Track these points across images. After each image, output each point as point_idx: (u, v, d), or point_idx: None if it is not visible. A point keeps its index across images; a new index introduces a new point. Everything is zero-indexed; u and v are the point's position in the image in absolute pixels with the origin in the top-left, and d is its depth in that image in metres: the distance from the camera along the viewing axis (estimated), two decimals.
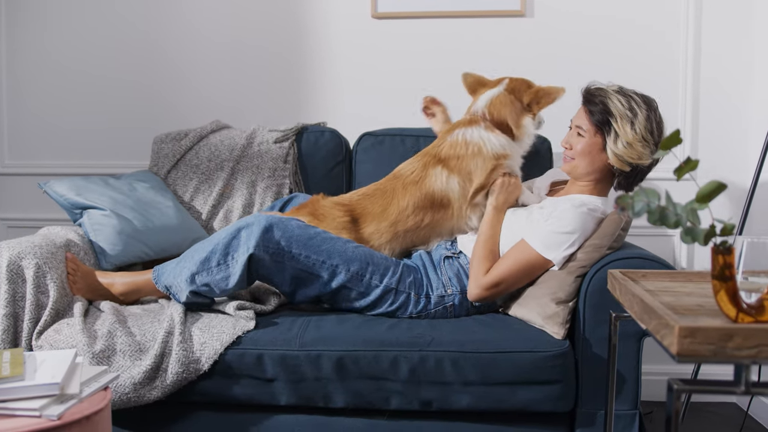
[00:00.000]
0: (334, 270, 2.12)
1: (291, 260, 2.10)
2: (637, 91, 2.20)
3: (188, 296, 2.12)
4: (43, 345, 2.01)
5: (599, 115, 2.16)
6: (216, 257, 2.09)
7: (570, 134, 2.26)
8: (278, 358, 1.98)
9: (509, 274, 2.11)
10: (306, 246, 2.11)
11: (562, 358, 1.94)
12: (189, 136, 2.79)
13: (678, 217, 1.22)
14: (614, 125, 2.13)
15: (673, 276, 1.68)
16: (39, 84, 3.12)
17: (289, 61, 3.04)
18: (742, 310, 1.24)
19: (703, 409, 2.79)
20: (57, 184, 2.45)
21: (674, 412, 1.20)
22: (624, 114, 2.13)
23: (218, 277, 2.09)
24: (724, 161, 2.87)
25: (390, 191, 2.36)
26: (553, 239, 2.07)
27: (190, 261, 2.12)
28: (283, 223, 2.11)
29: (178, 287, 2.14)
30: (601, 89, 2.20)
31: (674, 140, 1.29)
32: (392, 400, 2.00)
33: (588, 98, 2.22)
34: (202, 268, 2.09)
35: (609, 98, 2.16)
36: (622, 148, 2.13)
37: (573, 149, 2.22)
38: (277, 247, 2.08)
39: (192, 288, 2.10)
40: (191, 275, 2.10)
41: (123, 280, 2.25)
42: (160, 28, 3.06)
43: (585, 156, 2.20)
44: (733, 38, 2.87)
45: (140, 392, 1.96)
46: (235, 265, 2.07)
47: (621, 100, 2.14)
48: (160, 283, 2.18)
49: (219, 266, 2.09)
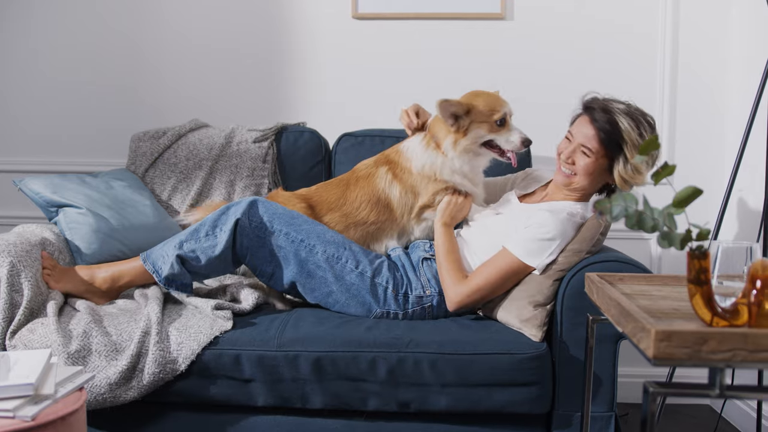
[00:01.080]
0: (311, 249, 2.15)
1: (271, 235, 2.15)
2: (638, 107, 2.16)
3: (173, 263, 2.14)
4: (17, 345, 1.99)
5: (609, 137, 2.10)
6: (205, 228, 2.17)
7: (572, 149, 2.17)
8: (256, 359, 1.97)
9: (490, 281, 2.10)
10: (288, 223, 2.17)
11: (540, 360, 1.96)
12: (167, 135, 2.77)
13: (655, 221, 1.24)
14: (625, 150, 2.09)
15: (650, 279, 1.70)
16: (15, 80, 3.07)
17: (268, 61, 3.03)
18: (717, 314, 1.25)
19: (678, 411, 2.82)
20: (32, 181, 2.42)
21: (650, 414, 1.21)
22: (635, 140, 2.08)
23: (206, 244, 2.15)
24: (700, 167, 2.90)
25: (345, 182, 2.42)
26: (535, 246, 2.07)
27: (179, 234, 2.21)
28: (269, 203, 2.21)
29: (164, 257, 2.17)
30: (608, 108, 2.12)
31: (652, 145, 1.30)
32: (370, 401, 2.00)
33: (593, 114, 2.14)
34: (191, 237, 2.17)
35: (619, 120, 2.09)
36: (630, 172, 2.10)
37: (576, 165, 2.16)
38: (260, 221, 2.16)
39: (179, 252, 2.15)
40: (180, 242, 2.17)
41: (105, 268, 2.26)
42: (139, 27, 3.03)
43: (588, 175, 2.16)
44: (710, 45, 2.90)
45: (116, 392, 1.94)
46: (222, 235, 2.15)
47: (631, 125, 2.09)
48: (149, 260, 2.20)
49: (207, 236, 2.16)
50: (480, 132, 2.27)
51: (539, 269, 2.07)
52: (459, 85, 2.95)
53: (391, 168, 2.37)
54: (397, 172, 2.35)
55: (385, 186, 2.35)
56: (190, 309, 2.15)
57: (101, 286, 2.23)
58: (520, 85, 2.94)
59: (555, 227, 2.08)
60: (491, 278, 2.10)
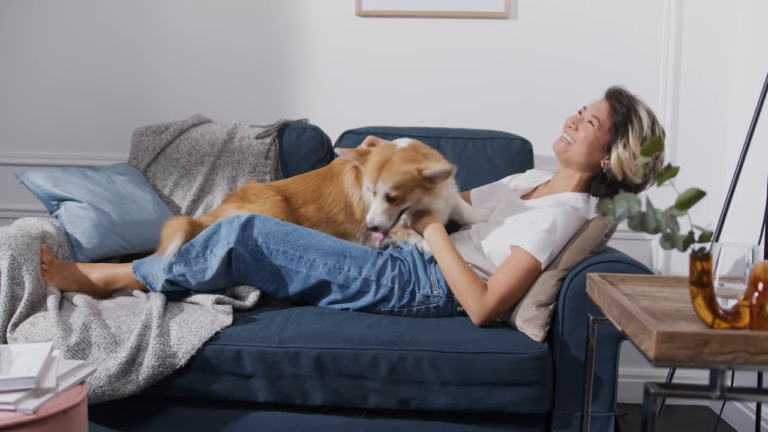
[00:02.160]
0: (311, 264, 2.13)
1: (270, 256, 2.12)
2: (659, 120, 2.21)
3: (164, 285, 2.13)
4: (18, 338, 1.99)
5: (622, 117, 2.15)
6: (195, 249, 2.12)
7: (580, 118, 2.23)
8: (257, 355, 1.97)
9: (513, 288, 2.05)
10: (283, 242, 2.12)
11: (540, 360, 1.96)
12: (169, 130, 2.77)
13: (658, 222, 1.24)
14: (630, 133, 2.13)
15: (651, 280, 1.70)
16: (18, 74, 3.07)
17: (271, 58, 3.03)
18: (718, 316, 1.25)
19: (677, 412, 2.82)
20: (34, 174, 2.42)
21: (650, 415, 1.22)
22: (644, 129, 2.13)
23: (195, 268, 2.11)
24: (702, 169, 2.90)
25: (322, 176, 2.41)
26: (543, 239, 2.06)
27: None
28: (261, 221, 2.14)
29: (154, 276, 2.15)
30: (633, 98, 2.19)
31: (656, 146, 1.30)
32: (370, 398, 2.00)
33: (616, 96, 2.20)
34: (181, 258, 2.12)
35: (638, 109, 2.15)
36: (626, 154, 2.12)
37: (577, 132, 2.20)
38: (255, 244, 2.11)
39: (168, 276, 2.12)
40: (169, 264, 2.12)
41: (101, 269, 2.26)
42: (141, 26, 3.03)
43: (586, 146, 2.19)
44: (713, 46, 2.90)
45: (115, 385, 1.94)
46: (213, 259, 2.10)
47: (647, 117, 2.14)
48: (138, 272, 2.20)
49: (197, 258, 2.11)
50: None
51: (544, 263, 2.06)
52: (462, 82, 2.97)
53: (354, 168, 2.32)
54: (359, 175, 2.31)
55: (349, 187, 2.33)
56: (191, 305, 2.15)
57: (95, 287, 2.24)
58: (524, 85, 2.94)
59: (558, 219, 2.08)
60: (513, 284, 2.04)
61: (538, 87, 2.93)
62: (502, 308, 2.07)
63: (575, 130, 2.21)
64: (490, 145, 2.67)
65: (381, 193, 2.12)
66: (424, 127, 2.78)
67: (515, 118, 2.88)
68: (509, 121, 2.86)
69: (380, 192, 2.12)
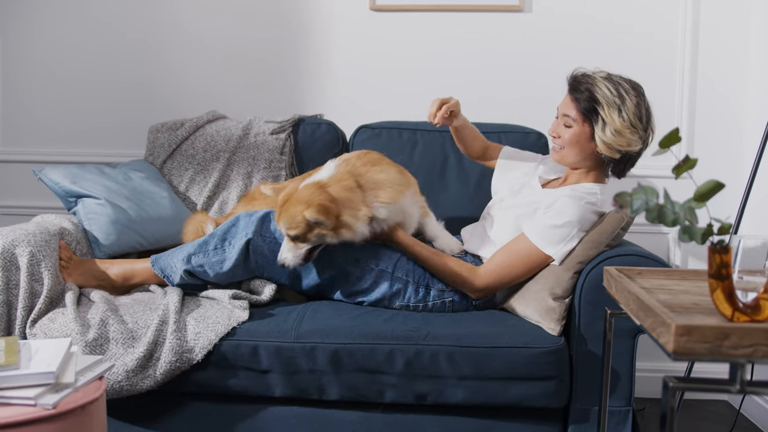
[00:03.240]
0: (328, 254, 2.12)
1: None
2: (623, 76, 2.16)
3: (182, 276, 2.15)
4: (37, 333, 2.01)
5: (586, 103, 2.12)
6: (214, 241, 2.14)
7: (557, 123, 2.22)
8: (273, 350, 1.98)
9: (511, 266, 2.10)
10: None
11: (557, 354, 1.95)
12: (185, 126, 2.78)
13: (676, 215, 1.23)
14: (601, 113, 2.10)
15: (669, 274, 1.69)
16: (34, 71, 3.10)
17: (286, 53, 3.03)
18: (738, 309, 1.24)
19: (695, 407, 2.80)
20: (52, 171, 2.43)
21: (669, 409, 1.21)
22: (611, 101, 2.09)
23: (214, 259, 2.12)
24: (720, 160, 2.87)
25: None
26: (553, 233, 2.07)
27: (189, 245, 2.18)
28: None
29: (173, 268, 2.17)
30: (588, 76, 2.16)
31: (673, 138, 1.29)
32: (387, 393, 2.00)
33: (574, 85, 2.17)
34: (200, 250, 2.14)
35: (596, 85, 2.11)
36: (610, 135, 2.10)
37: (561, 138, 2.19)
38: (273, 237, 2.11)
39: (187, 267, 2.14)
40: (188, 255, 2.14)
41: (119, 265, 2.28)
42: (156, 23, 3.04)
43: (573, 145, 2.18)
44: (729, 38, 2.87)
45: (133, 380, 1.95)
46: (232, 250, 2.11)
47: (609, 87, 2.10)
48: (157, 265, 2.21)
49: (216, 250, 2.13)
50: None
51: (558, 259, 2.06)
52: (476, 77, 2.95)
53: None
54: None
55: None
56: (208, 300, 2.16)
57: (114, 282, 2.25)
58: (539, 78, 2.92)
59: (574, 213, 2.07)
60: (510, 263, 2.10)
61: (553, 80, 2.90)
62: (498, 287, 2.14)
63: (558, 137, 2.20)
64: (505, 139, 2.66)
65: (284, 232, 2.04)
66: None
67: (530, 112, 2.86)
68: (524, 115, 2.84)
69: (283, 231, 2.04)
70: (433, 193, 2.57)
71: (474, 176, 2.70)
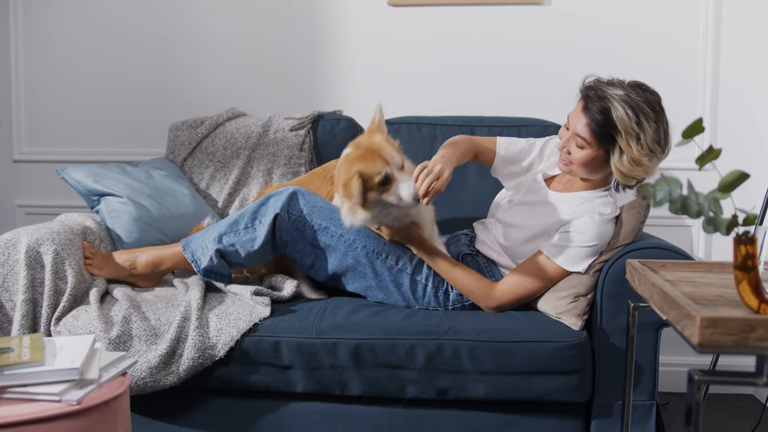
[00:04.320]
0: (351, 244, 2.13)
1: (311, 230, 2.13)
2: (641, 90, 2.00)
3: (212, 256, 2.14)
4: (61, 331, 2.03)
5: (602, 128, 1.98)
6: (244, 220, 2.15)
7: (568, 139, 2.08)
8: (295, 346, 1.99)
9: (532, 288, 2.08)
10: (327, 218, 2.14)
11: (579, 348, 1.94)
12: (205, 124, 2.80)
13: (700, 206, 1.21)
14: (619, 142, 1.98)
15: (693, 266, 1.67)
16: (56, 72, 3.12)
17: (304, 50, 3.03)
18: (764, 300, 1.22)
19: (720, 401, 2.77)
20: (74, 170, 2.46)
21: (695, 403, 1.19)
22: (630, 129, 1.96)
23: (245, 238, 2.13)
24: (745, 150, 2.83)
25: (322, 174, 2.35)
26: (577, 254, 2.04)
27: (219, 225, 2.19)
28: (309, 194, 2.17)
29: (204, 249, 2.17)
30: (604, 95, 1.99)
31: (696, 128, 1.27)
32: (408, 388, 2.00)
33: (588, 100, 2.03)
34: (230, 229, 2.15)
35: (613, 108, 1.97)
36: (628, 165, 1.99)
37: (572, 156, 2.07)
38: (300, 214, 2.13)
39: (218, 246, 2.14)
40: (219, 235, 2.15)
41: (147, 252, 2.29)
42: (174, 20, 3.06)
43: (585, 166, 2.08)
44: (754, 23, 2.82)
45: (156, 377, 1.97)
46: (261, 228, 2.13)
47: (627, 111, 1.96)
48: (188, 249, 2.21)
49: (246, 228, 2.14)
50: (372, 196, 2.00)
51: (584, 270, 2.04)
52: (496, 71, 2.94)
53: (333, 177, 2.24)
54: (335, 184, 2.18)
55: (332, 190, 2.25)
56: (230, 296, 2.17)
57: (143, 271, 2.26)
58: (558, 72, 2.90)
59: (594, 234, 2.03)
60: (530, 289, 2.08)
61: (573, 73, 2.87)
62: (514, 305, 2.12)
63: (568, 153, 2.09)
64: (525, 132, 2.64)
65: (397, 167, 2.04)
66: (458, 116, 2.76)
67: (550, 105, 2.84)
68: (544, 109, 2.82)
69: (395, 168, 2.03)
70: (453, 189, 2.56)
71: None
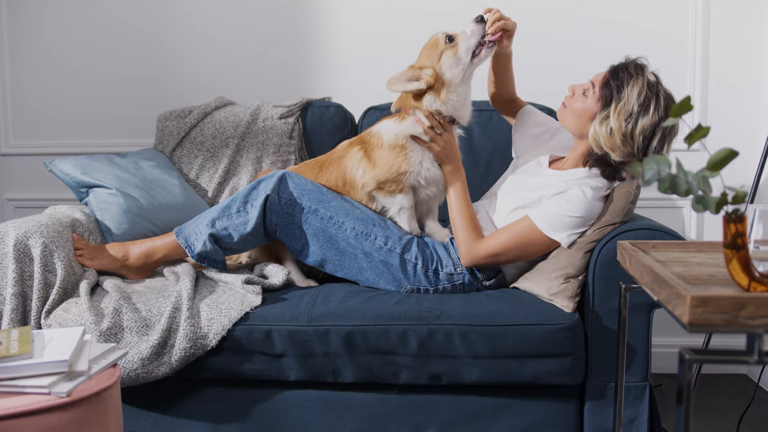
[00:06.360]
0: (340, 226, 2.15)
1: (300, 212, 2.15)
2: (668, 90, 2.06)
3: (206, 241, 2.15)
4: (51, 324, 2.02)
5: (611, 91, 2.05)
6: (236, 205, 2.17)
7: (582, 86, 2.16)
8: (287, 334, 1.98)
9: (510, 247, 2.09)
10: (317, 200, 2.16)
11: (572, 330, 1.93)
12: (193, 114, 2.78)
13: (689, 185, 1.20)
14: (612, 108, 2.04)
15: (684, 246, 1.66)
16: (42, 64, 3.10)
17: (292, 36, 3.01)
18: (754, 278, 1.22)
19: (713, 381, 2.78)
20: (62, 162, 2.44)
21: (686, 382, 1.19)
22: (631, 106, 2.02)
23: (237, 221, 2.15)
24: (734, 128, 2.83)
25: (321, 163, 2.35)
26: (560, 221, 2.04)
27: (212, 210, 2.20)
28: (299, 178, 2.20)
29: (197, 234, 2.18)
30: (636, 74, 2.05)
31: (685, 107, 1.26)
32: (401, 374, 2.00)
33: (618, 68, 2.09)
34: (223, 214, 2.17)
35: (633, 84, 2.03)
36: (603, 130, 2.04)
37: (573, 99, 2.15)
38: (290, 197, 2.15)
39: (211, 230, 2.16)
40: (212, 220, 2.17)
41: (140, 243, 2.28)
42: (162, 9, 3.03)
43: (575, 116, 2.14)
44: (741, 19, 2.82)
45: (148, 368, 1.96)
46: (253, 211, 2.14)
47: (641, 93, 2.01)
48: (181, 235, 2.22)
49: (239, 212, 2.16)
50: (447, 55, 2.27)
51: (565, 243, 2.05)
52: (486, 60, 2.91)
53: (363, 147, 2.29)
54: (368, 150, 2.26)
55: (353, 166, 2.27)
56: (221, 285, 2.16)
57: (135, 262, 2.25)
58: (548, 69, 2.88)
59: (583, 207, 2.04)
60: (509, 244, 2.09)
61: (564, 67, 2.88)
62: (491, 261, 2.14)
63: (572, 96, 2.16)
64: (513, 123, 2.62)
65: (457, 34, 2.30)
66: None
67: (541, 97, 2.82)
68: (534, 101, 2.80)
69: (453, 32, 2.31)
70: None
71: (484, 156, 2.68)
